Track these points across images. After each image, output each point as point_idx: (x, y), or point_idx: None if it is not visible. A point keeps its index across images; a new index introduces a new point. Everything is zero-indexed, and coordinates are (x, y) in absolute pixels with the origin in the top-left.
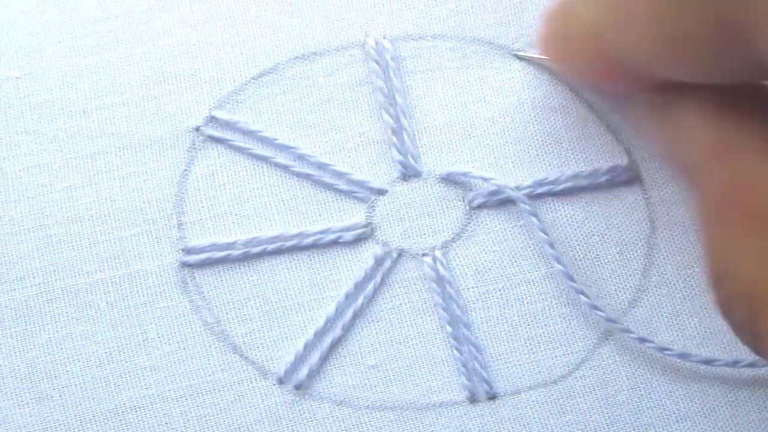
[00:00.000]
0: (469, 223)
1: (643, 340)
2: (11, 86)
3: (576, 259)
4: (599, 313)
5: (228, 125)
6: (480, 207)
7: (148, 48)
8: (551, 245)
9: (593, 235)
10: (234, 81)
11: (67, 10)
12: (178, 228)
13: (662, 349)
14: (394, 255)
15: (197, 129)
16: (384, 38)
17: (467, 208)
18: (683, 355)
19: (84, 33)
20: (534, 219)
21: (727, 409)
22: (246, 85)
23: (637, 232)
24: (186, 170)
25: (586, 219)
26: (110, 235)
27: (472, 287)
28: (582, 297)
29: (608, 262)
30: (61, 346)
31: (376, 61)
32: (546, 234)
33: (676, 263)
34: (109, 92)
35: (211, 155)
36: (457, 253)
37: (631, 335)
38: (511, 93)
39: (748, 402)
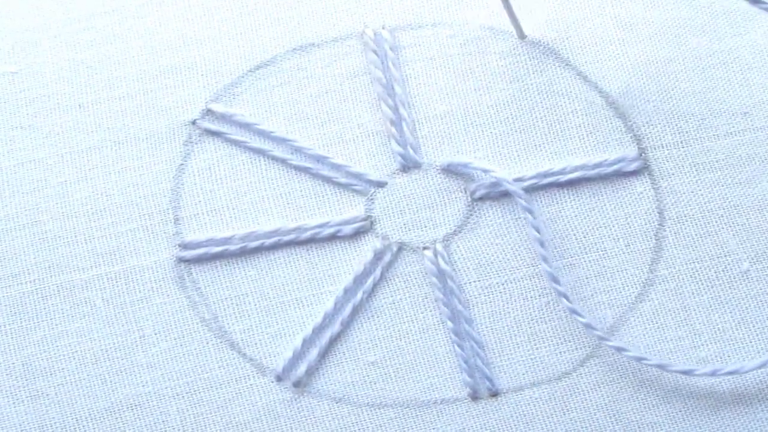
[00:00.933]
0: (472, 215)
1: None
2: (7, 81)
3: (582, 252)
4: (580, 318)
5: (225, 118)
6: (482, 198)
7: (144, 42)
8: (542, 244)
9: (600, 228)
10: (231, 73)
11: (63, 5)
12: (175, 223)
13: (661, 366)
14: (394, 248)
15: (193, 122)
16: (383, 28)
17: (469, 199)
18: (687, 372)
19: (80, 28)
20: (529, 216)
21: (735, 406)
22: (243, 77)
23: (645, 224)
24: (182, 164)
25: (593, 211)
26: (106, 230)
27: (474, 281)
28: (564, 301)
29: (615, 255)
30: (57, 343)
31: (375, 52)
32: (539, 232)
33: (686, 257)
34: (105, 86)
35: (208, 149)
36: (458, 246)
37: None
38: (515, 79)
39: (756, 399)
